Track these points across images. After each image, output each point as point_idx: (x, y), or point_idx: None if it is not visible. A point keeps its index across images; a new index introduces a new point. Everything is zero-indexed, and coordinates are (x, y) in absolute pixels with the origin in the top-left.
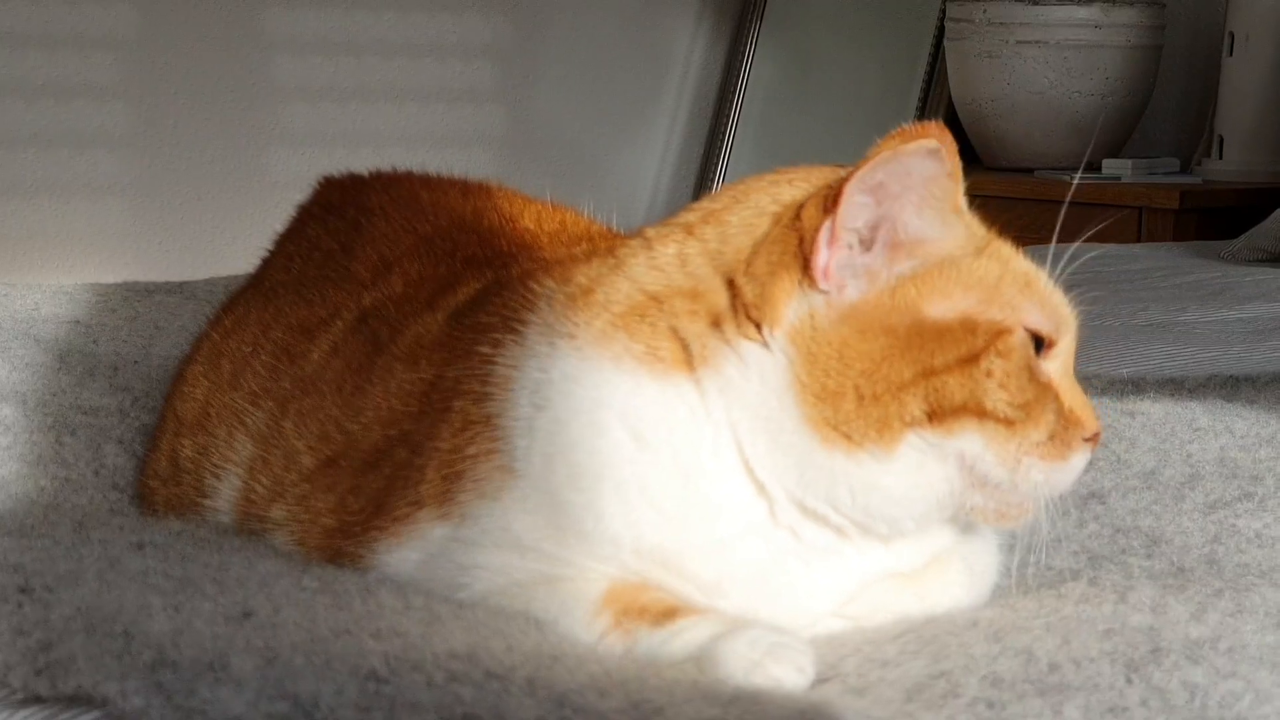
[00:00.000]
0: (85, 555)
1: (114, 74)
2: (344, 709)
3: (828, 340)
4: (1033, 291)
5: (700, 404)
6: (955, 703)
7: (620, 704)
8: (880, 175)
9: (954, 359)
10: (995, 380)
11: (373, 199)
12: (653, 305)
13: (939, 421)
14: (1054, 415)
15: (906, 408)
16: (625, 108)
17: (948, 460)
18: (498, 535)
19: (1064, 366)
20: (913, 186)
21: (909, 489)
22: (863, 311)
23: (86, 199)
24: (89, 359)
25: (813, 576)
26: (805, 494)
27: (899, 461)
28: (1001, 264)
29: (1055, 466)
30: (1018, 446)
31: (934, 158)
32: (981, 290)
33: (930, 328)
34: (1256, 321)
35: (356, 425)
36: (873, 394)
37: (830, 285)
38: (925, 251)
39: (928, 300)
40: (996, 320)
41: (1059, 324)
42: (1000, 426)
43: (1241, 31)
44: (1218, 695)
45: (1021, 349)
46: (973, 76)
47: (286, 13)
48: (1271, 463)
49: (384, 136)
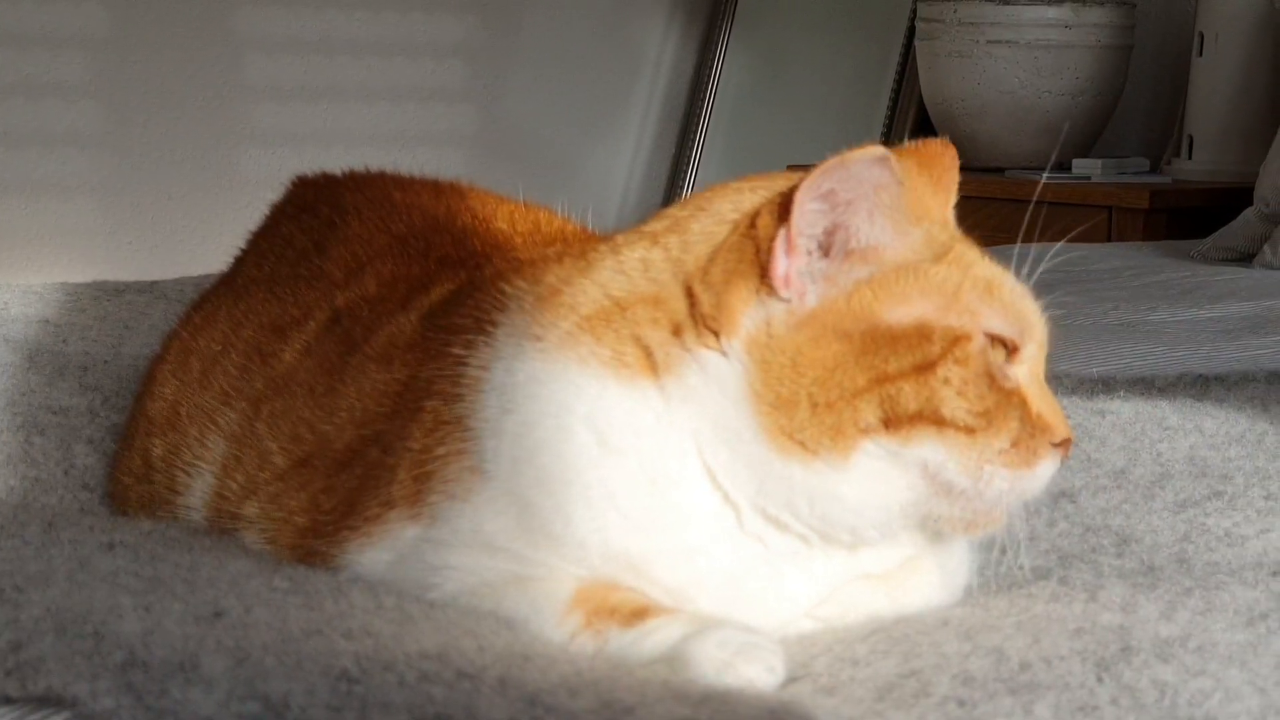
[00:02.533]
0: (55, 555)
1: (84, 73)
2: (315, 709)
3: (782, 348)
4: (995, 297)
5: (666, 411)
6: (926, 701)
7: (591, 703)
8: (829, 183)
9: (909, 366)
10: (953, 388)
11: (346, 198)
12: (617, 311)
13: (895, 429)
14: (1018, 422)
15: (861, 415)
16: (597, 107)
17: (909, 468)
18: (468, 536)
19: (1032, 372)
20: (862, 194)
21: (867, 497)
22: (819, 318)
23: (56, 198)
24: (58, 358)
25: (783, 582)
26: (766, 503)
27: (855, 470)
28: (963, 270)
29: (1021, 474)
30: (979, 455)
31: (881, 165)
32: (940, 296)
33: (885, 334)
34: (1226, 321)
35: (329, 425)
36: (826, 401)
37: (791, 293)
38: (880, 258)
39: (883, 306)
40: (954, 327)
41: (1024, 329)
42: (961, 434)
43: (1211, 32)
44: (1187, 693)
45: (980, 356)
46: (943, 76)
47: (257, 11)
48: (1241, 461)
49: (356, 136)
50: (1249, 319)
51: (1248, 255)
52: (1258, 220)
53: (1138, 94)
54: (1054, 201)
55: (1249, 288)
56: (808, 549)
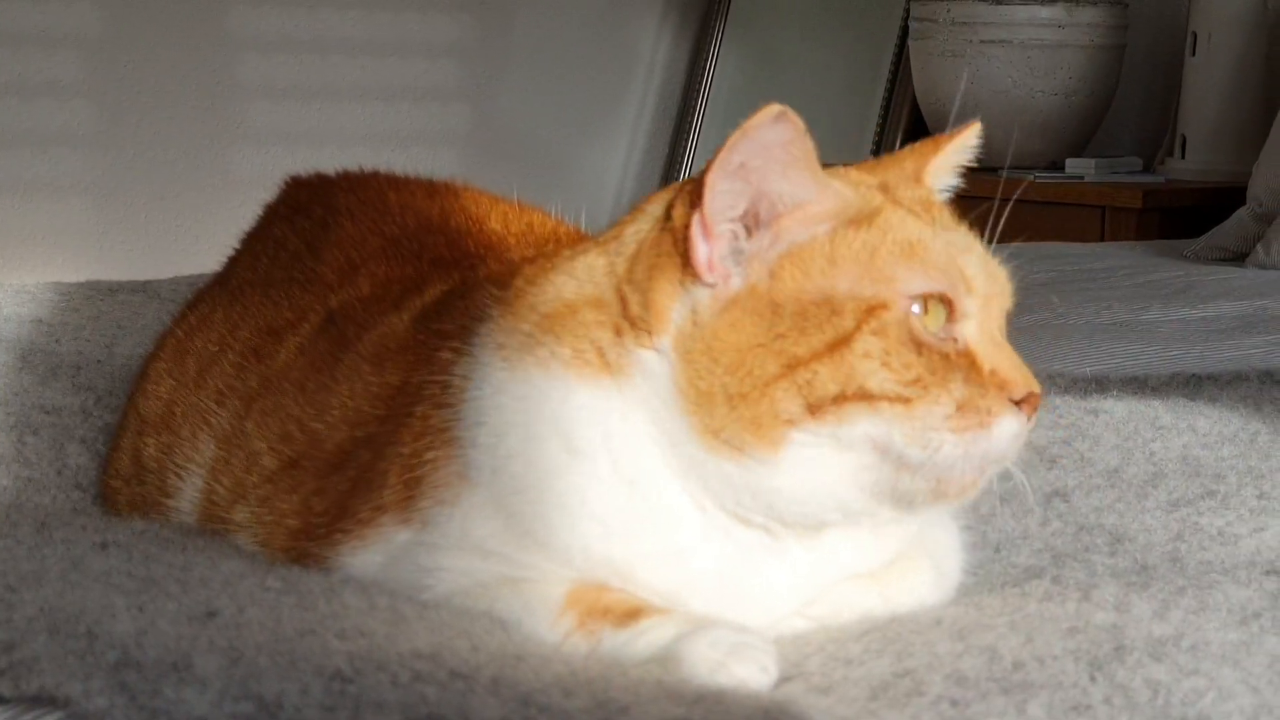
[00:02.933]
0: (48, 555)
1: (77, 72)
2: (309, 709)
3: (702, 337)
4: (918, 257)
5: (629, 411)
6: (919, 701)
7: (585, 703)
8: (737, 156)
9: (821, 345)
10: (875, 360)
11: (340, 199)
12: (569, 314)
13: (822, 414)
14: (963, 384)
15: (779, 405)
16: (591, 107)
17: (855, 447)
18: (459, 540)
19: (982, 328)
20: (773, 155)
21: (813, 487)
22: (739, 301)
23: (50, 198)
24: (51, 358)
25: (770, 580)
26: (715, 501)
27: (790, 462)
28: (882, 232)
29: (974, 438)
30: (922, 424)
31: (782, 121)
32: (853, 265)
33: (793, 313)
34: (1219, 320)
35: (321, 425)
36: (740, 393)
37: (715, 277)
38: (807, 215)
39: (792, 281)
40: (866, 297)
41: (958, 284)
42: (898, 406)
43: (1204, 31)
44: (1181, 693)
45: (900, 323)
46: (936, 75)
47: (251, 11)
48: (1234, 461)
49: (349, 135)
50: (1242, 318)
51: (1240, 255)
52: (1250, 220)
53: (1131, 94)
54: (1048, 201)
55: (1242, 287)
56: (779, 543)
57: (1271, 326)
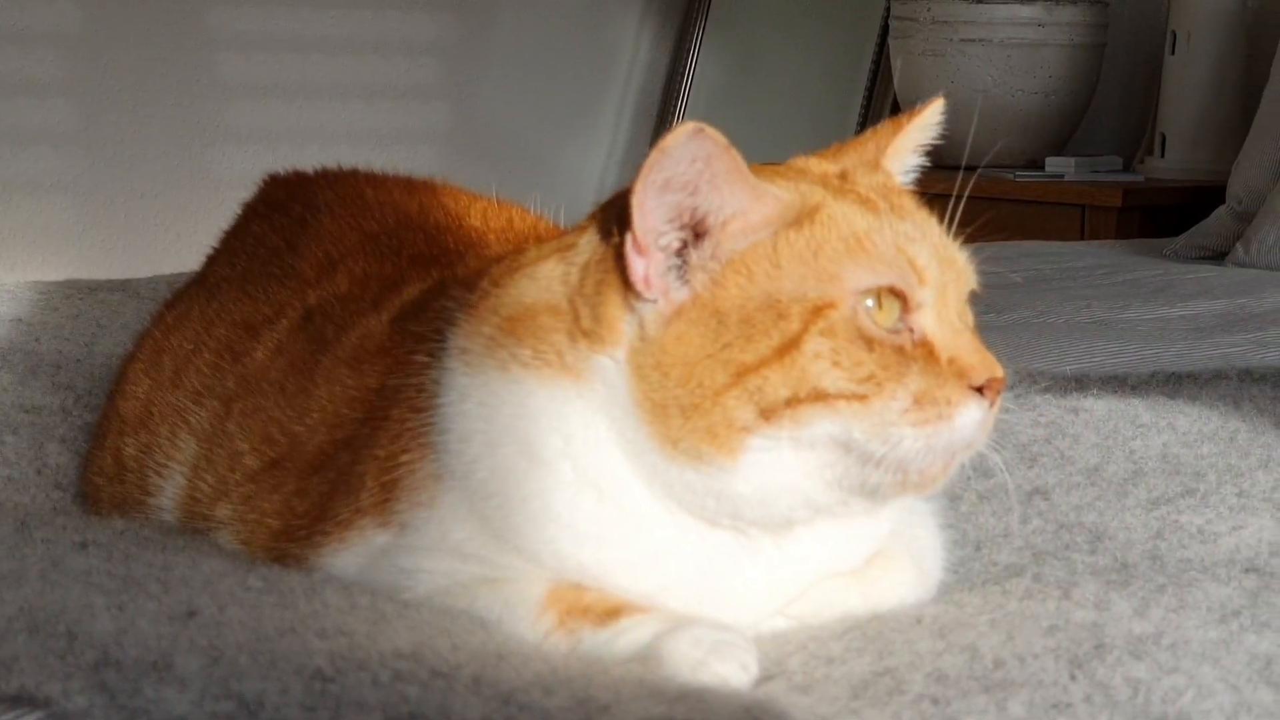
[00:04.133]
0: (28, 555)
1: (57, 70)
2: (289, 708)
3: (651, 351)
4: (863, 251)
5: (592, 414)
6: (900, 699)
7: (566, 702)
8: (659, 174)
9: (768, 351)
10: (826, 361)
11: (318, 196)
12: (529, 317)
13: (776, 419)
14: (919, 376)
15: (732, 414)
16: (571, 105)
17: (815, 446)
18: (437, 541)
19: (940, 316)
20: (696, 171)
21: (776, 489)
22: (684, 314)
23: (29, 196)
24: (31, 357)
25: (745, 581)
26: (680, 506)
27: (750, 468)
28: (826, 229)
29: (934, 430)
30: (880, 420)
31: (699, 137)
32: (795, 266)
33: (738, 320)
34: (1198, 319)
35: (301, 426)
36: (692, 404)
37: (655, 293)
38: (745, 223)
39: (735, 289)
40: (811, 298)
41: (911, 275)
42: (855, 403)
43: (1183, 30)
44: (1161, 690)
45: (849, 321)
46: (917, 75)
47: (231, 9)
48: (1213, 459)
49: (329, 134)
50: (1221, 317)
51: (1220, 253)
52: (1230, 218)
53: (1110, 92)
54: (1028, 200)
55: (1221, 286)
56: (753, 542)
57: (1251, 325)
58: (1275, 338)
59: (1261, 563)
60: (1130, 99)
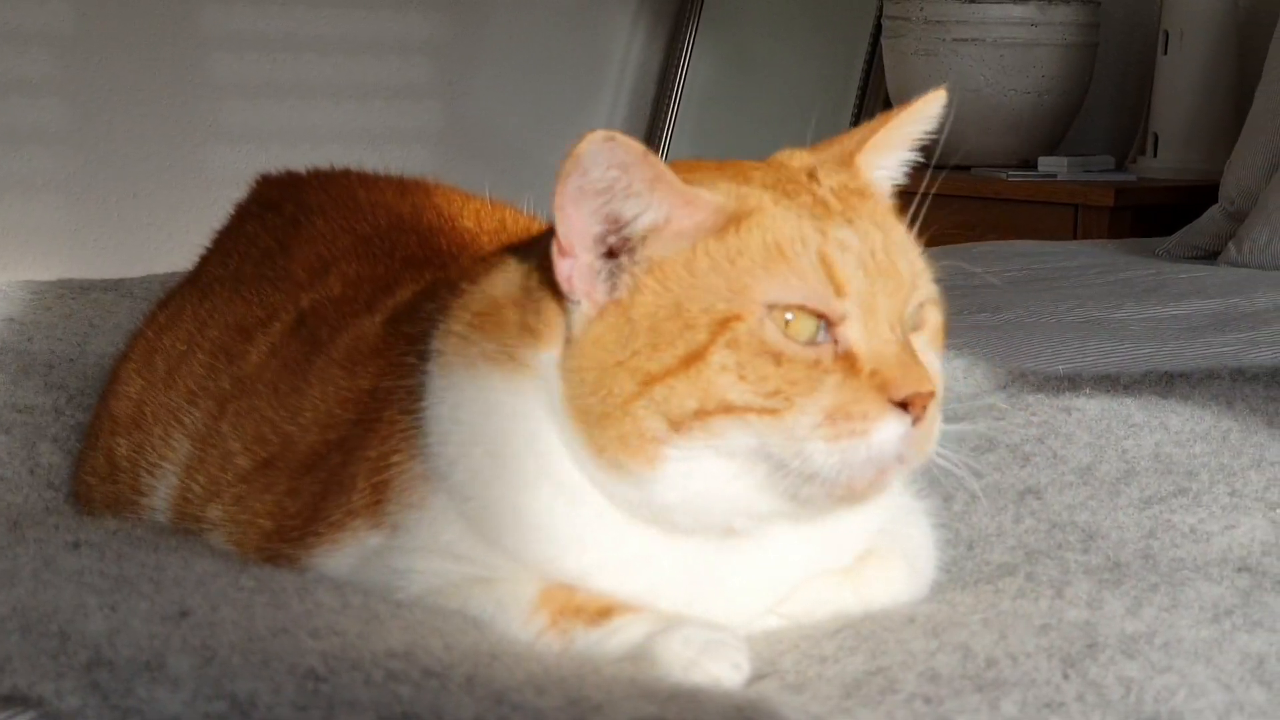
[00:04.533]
0: (20, 554)
1: (50, 70)
2: (282, 708)
3: (574, 356)
4: (781, 261)
5: (547, 414)
6: (893, 699)
7: (558, 701)
8: (573, 181)
9: (674, 361)
10: (732, 374)
11: (311, 197)
12: (495, 311)
13: (687, 429)
14: (832, 391)
15: (642, 424)
16: (564, 105)
17: (735, 456)
18: (428, 542)
19: (868, 328)
20: (613, 177)
21: (703, 499)
22: (602, 319)
23: (22, 195)
24: (23, 357)
25: (730, 581)
26: (624, 511)
27: (670, 478)
28: (748, 238)
29: (850, 445)
30: (790, 434)
31: (610, 144)
32: (709, 276)
33: (646, 329)
34: (1191, 318)
35: (294, 427)
36: (604, 413)
37: (580, 295)
38: (671, 231)
39: (651, 296)
40: (719, 309)
41: (828, 287)
42: (766, 417)
43: (1176, 29)
44: (1153, 690)
45: (755, 334)
46: (910, 74)
47: (224, 9)
48: (1206, 458)
49: (322, 133)
50: (1214, 316)
51: (1213, 253)
52: (1222, 218)
53: (1103, 92)
54: (1021, 199)
55: (1214, 285)
56: (726, 542)
57: (1243, 324)
58: (1267, 337)
59: (1254, 562)
60: (1123, 98)
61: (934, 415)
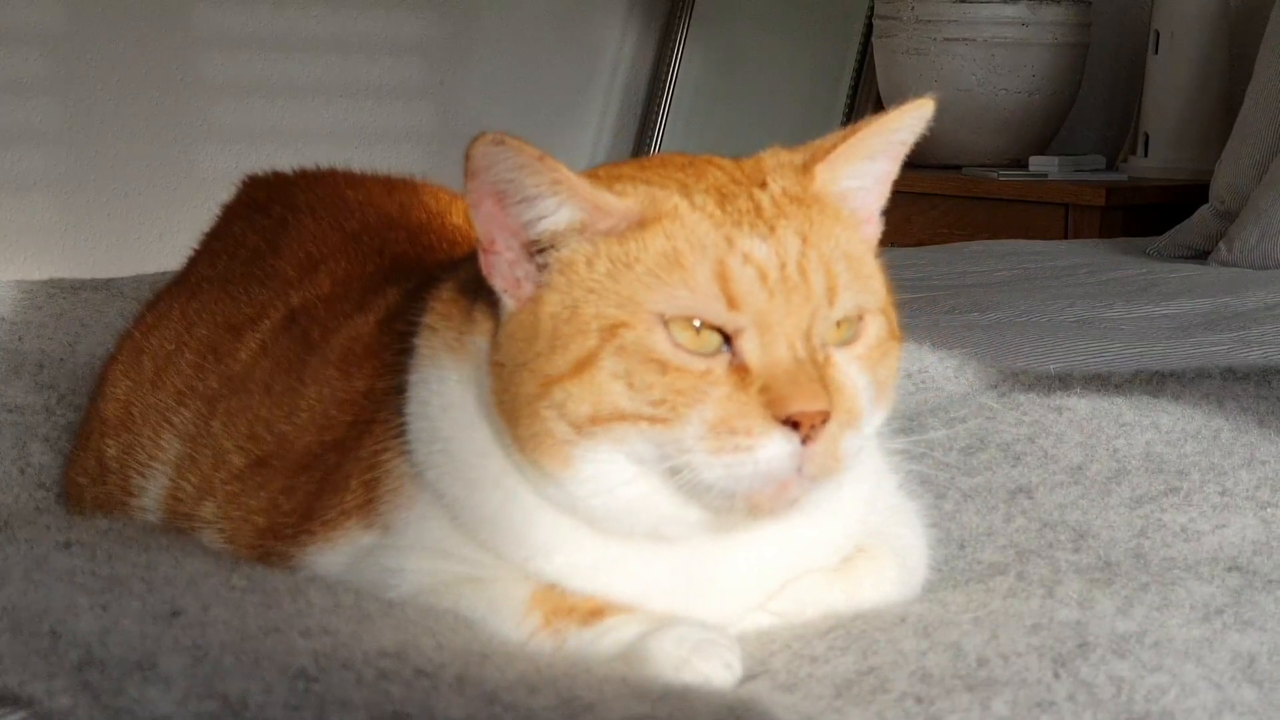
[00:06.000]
0: (11, 554)
1: (41, 69)
2: (273, 707)
3: (495, 349)
4: (676, 270)
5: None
6: (884, 698)
7: (550, 701)
8: (474, 182)
9: (567, 365)
10: (621, 381)
11: (298, 197)
12: (456, 300)
13: (588, 432)
14: (717, 404)
15: (549, 425)
16: (555, 104)
17: (644, 461)
18: (418, 540)
19: (766, 345)
20: (503, 180)
21: (620, 502)
22: (515, 318)
23: (12, 195)
24: (14, 356)
25: (712, 581)
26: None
27: (584, 480)
28: (648, 243)
29: (734, 460)
30: (678, 446)
31: (499, 147)
32: (605, 280)
33: (547, 331)
34: (1181, 318)
35: (289, 426)
36: (512, 412)
37: (500, 288)
38: (583, 232)
39: (554, 297)
40: (610, 315)
41: (720, 300)
42: (657, 425)
43: (1167, 29)
44: (1144, 689)
45: (642, 342)
46: (901, 73)
47: (214, 8)
48: (1196, 457)
49: (313, 133)
50: (1204, 316)
51: (1203, 252)
52: (1213, 217)
53: (1094, 92)
54: (1012, 199)
55: (1204, 285)
56: (689, 544)
57: (1234, 324)
58: (1258, 336)
59: (1244, 561)
60: (1113, 98)
61: (832, 434)
